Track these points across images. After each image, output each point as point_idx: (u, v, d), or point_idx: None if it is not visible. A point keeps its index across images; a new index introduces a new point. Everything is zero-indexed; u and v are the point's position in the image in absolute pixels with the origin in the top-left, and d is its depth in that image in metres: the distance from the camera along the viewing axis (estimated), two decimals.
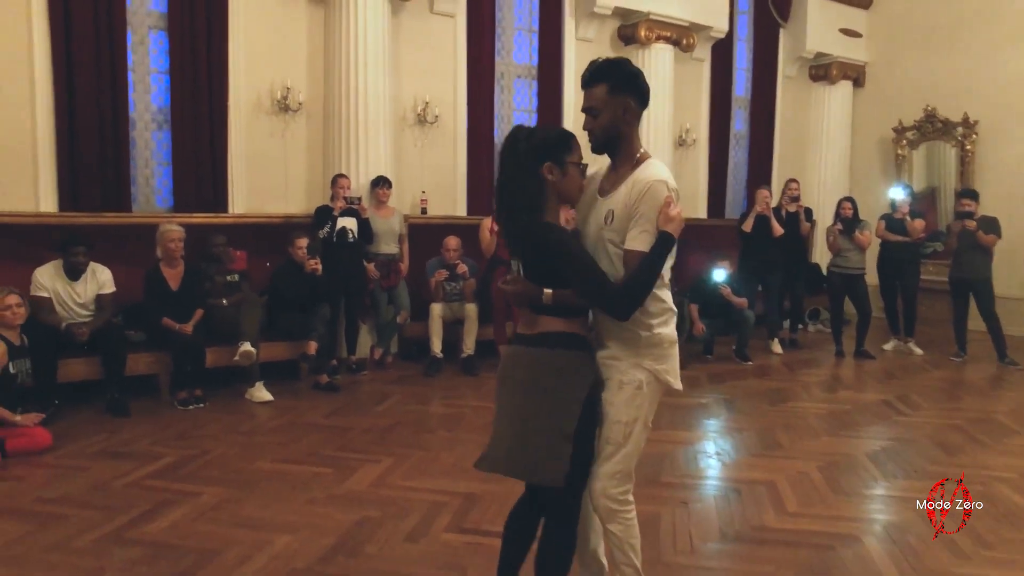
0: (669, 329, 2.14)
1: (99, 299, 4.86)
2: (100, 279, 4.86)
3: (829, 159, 10.05)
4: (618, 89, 2.08)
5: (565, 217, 2.28)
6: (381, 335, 6.27)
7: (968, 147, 8.94)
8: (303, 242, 5.49)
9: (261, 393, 5.07)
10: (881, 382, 6.34)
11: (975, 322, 7.20)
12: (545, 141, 2.08)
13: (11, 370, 4.08)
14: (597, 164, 2.28)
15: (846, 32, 9.78)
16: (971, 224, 6.91)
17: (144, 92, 5.75)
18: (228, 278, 5.38)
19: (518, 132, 2.11)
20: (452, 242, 6.20)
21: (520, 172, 2.06)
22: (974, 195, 7.16)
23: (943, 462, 4.24)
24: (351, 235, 5.80)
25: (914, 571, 2.91)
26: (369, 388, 5.62)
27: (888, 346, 7.69)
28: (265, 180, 6.15)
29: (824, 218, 8.66)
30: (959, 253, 7.15)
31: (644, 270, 2.00)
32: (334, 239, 5.74)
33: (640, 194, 2.02)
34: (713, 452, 4.34)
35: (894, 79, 9.74)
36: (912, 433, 4.78)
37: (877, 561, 2.99)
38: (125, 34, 5.49)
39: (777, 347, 7.43)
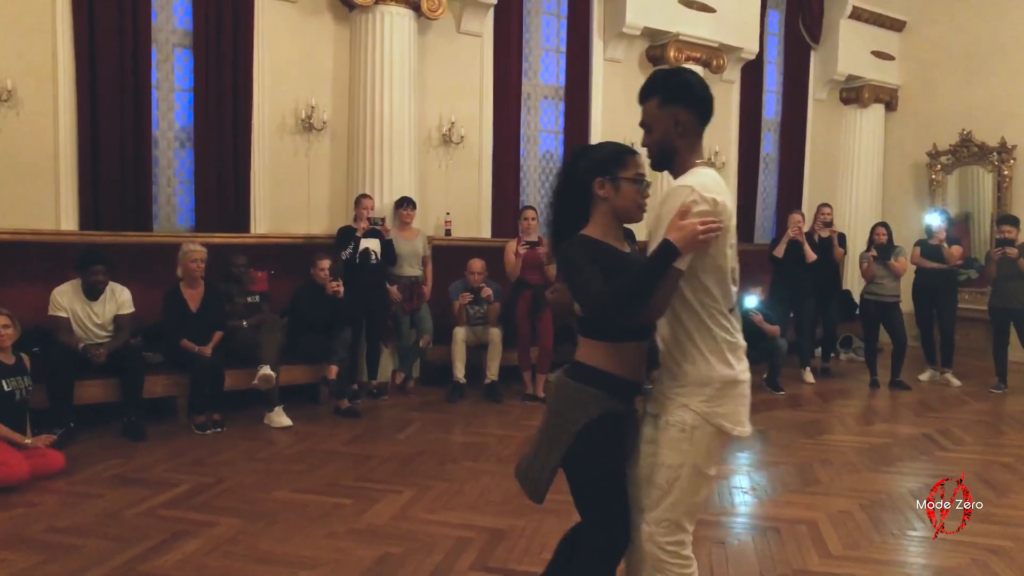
0: (728, 367, 1.93)
1: (117, 320, 4.77)
2: (119, 299, 4.78)
3: (861, 184, 9.84)
4: (669, 101, 1.96)
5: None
6: (403, 359, 6.14)
7: (1005, 172, 8.70)
8: (325, 263, 5.39)
9: (280, 418, 4.94)
10: (919, 414, 6.09)
11: (1015, 352, 6.93)
12: (597, 157, 2.04)
13: (5, 387, 3.95)
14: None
15: (878, 55, 9.61)
16: (1012, 252, 6.69)
17: (168, 110, 5.72)
18: (249, 299, 5.30)
19: (575, 150, 2.13)
20: (476, 265, 6.07)
21: (569, 188, 2.07)
22: (1015, 221, 6.94)
23: (993, 502, 4.00)
24: (374, 256, 5.70)
25: None
26: (390, 414, 5.48)
27: (924, 377, 7.43)
28: (288, 200, 6.08)
29: (857, 244, 8.44)
30: (999, 281, 6.92)
31: (632, 276, 1.84)
32: (356, 260, 5.64)
33: (662, 203, 1.91)
34: (748, 487, 4.14)
35: (928, 103, 9.55)
36: (957, 470, 4.55)
37: None
38: (150, 51, 5.46)
39: (809, 376, 7.20)
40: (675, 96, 1.97)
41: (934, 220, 7.40)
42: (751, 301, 6.60)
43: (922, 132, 9.49)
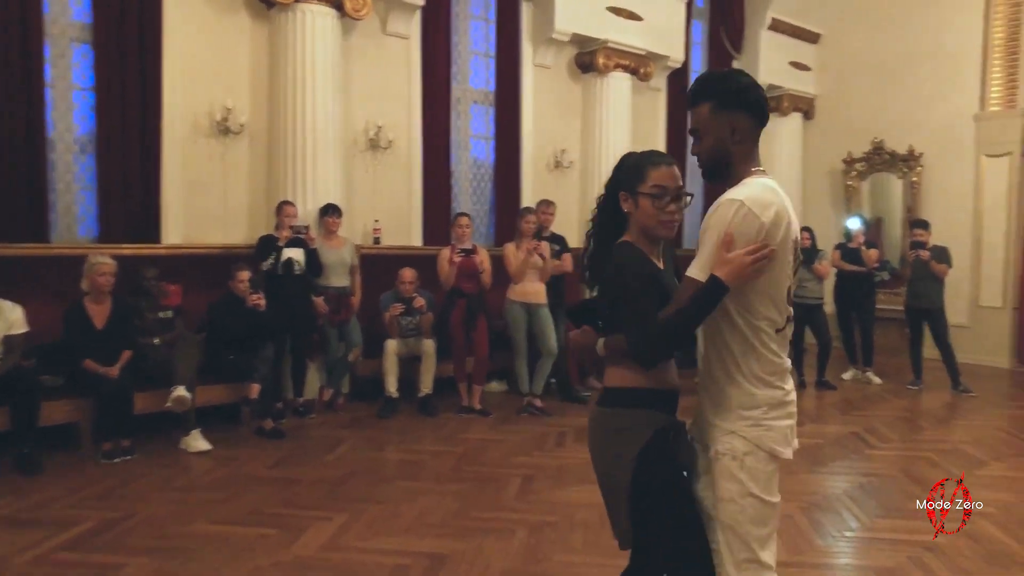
0: (773, 390, 1.79)
1: (7, 340, 4.26)
2: (9, 318, 4.28)
3: (783, 191, 10.08)
4: (724, 105, 1.80)
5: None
6: (331, 375, 5.86)
7: (914, 179, 9.10)
8: (245, 275, 5.07)
9: (198, 442, 4.59)
10: (845, 413, 6.24)
11: (929, 349, 7.22)
12: (620, 168, 1.91)
13: None
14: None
15: (796, 65, 9.92)
16: (925, 254, 6.96)
17: (66, 111, 5.24)
18: (161, 315, 4.91)
19: (622, 158, 1.98)
20: (408, 274, 5.86)
21: (604, 200, 1.96)
22: (926, 225, 7.24)
23: (922, 498, 4.08)
24: (298, 267, 5.40)
25: None
26: (318, 433, 5.19)
27: (847, 376, 7.67)
28: (203, 208, 5.69)
29: None
30: (914, 282, 7.18)
31: (676, 315, 1.71)
32: (279, 271, 5.33)
33: (710, 214, 1.75)
34: None
35: (843, 112, 9.91)
36: (887, 468, 4.65)
37: None
38: (42, 46, 4.99)
39: None
40: (731, 101, 1.80)
41: (854, 224, 7.65)
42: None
43: (838, 140, 9.84)
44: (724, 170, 1.84)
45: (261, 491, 3.93)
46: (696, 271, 1.73)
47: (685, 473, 1.91)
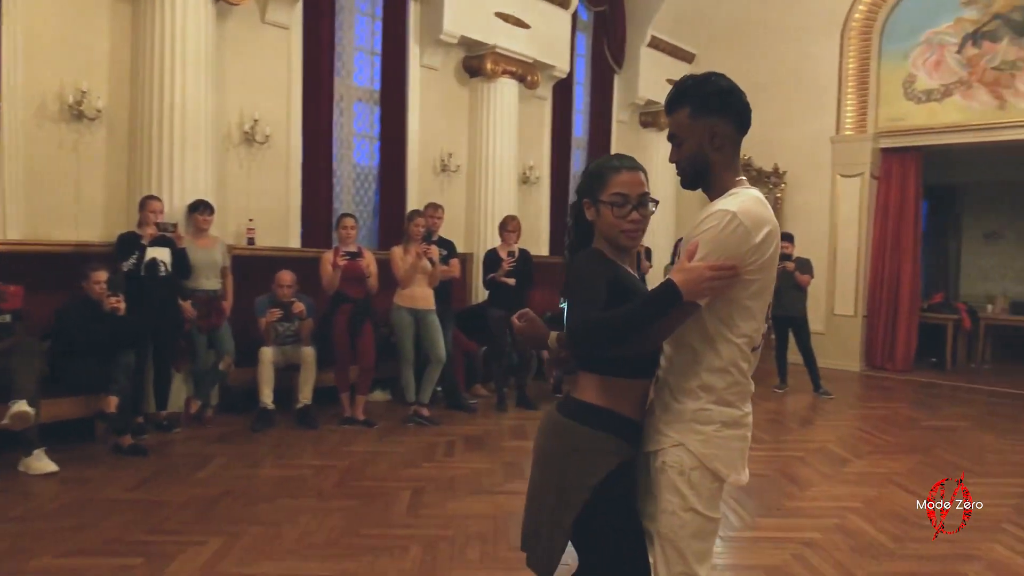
0: (732, 409, 1.73)
1: None
2: None
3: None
4: (704, 110, 1.72)
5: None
6: (199, 385, 5.39)
7: (779, 195, 9.71)
8: (102, 276, 4.56)
9: (41, 463, 4.05)
10: None
11: (793, 355, 7.69)
12: (586, 175, 1.82)
13: None
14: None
15: (672, 83, 10.30)
16: (790, 266, 7.40)
17: None
18: None
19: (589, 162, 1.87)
20: (286, 277, 5.50)
21: (573, 208, 1.89)
22: (791, 238, 7.73)
23: (799, 496, 4.30)
24: (163, 268, 4.94)
25: None
26: (185, 449, 4.75)
27: None
28: (51, 200, 5.07)
29: (661, 258, 8.93)
30: (779, 292, 7.60)
31: (625, 312, 1.61)
32: (142, 272, 4.85)
33: (697, 224, 1.68)
34: None
35: None
36: (763, 468, 4.83)
37: None
38: None
39: None
40: (710, 106, 1.72)
41: None
42: None
43: None
44: (703, 178, 1.78)
45: (121, 517, 3.50)
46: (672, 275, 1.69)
47: None
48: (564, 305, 1.95)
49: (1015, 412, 7.00)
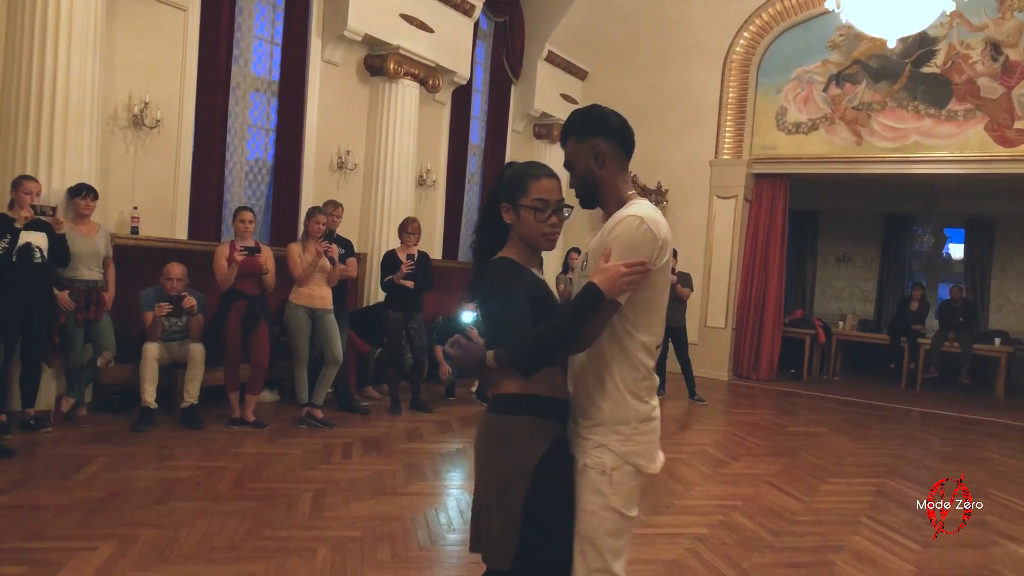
0: (643, 404, 1.84)
1: None
2: None
3: None
4: (585, 133, 1.89)
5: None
6: (73, 381, 5.00)
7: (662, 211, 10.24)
8: None
9: None
10: None
11: (671, 364, 8.15)
12: (503, 180, 1.89)
13: None
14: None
15: (566, 97, 10.68)
16: (672, 278, 7.84)
17: None
18: None
19: (505, 167, 1.95)
20: (176, 270, 5.22)
21: (485, 210, 1.96)
22: (674, 253, 8.14)
23: (685, 495, 4.58)
24: (39, 254, 4.56)
25: None
26: (58, 450, 4.40)
27: None
28: None
29: (553, 267, 9.18)
30: None
31: (558, 323, 1.72)
32: (13, 258, 4.45)
33: (607, 232, 1.81)
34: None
35: None
36: None
37: None
38: None
39: None
40: (590, 129, 1.90)
41: None
42: (468, 317, 6.74)
43: None
44: (595, 195, 1.93)
45: None
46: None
47: None
48: (474, 307, 2.04)
49: (865, 420, 7.78)
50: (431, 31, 8.03)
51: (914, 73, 8.79)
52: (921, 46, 8.68)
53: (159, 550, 3.08)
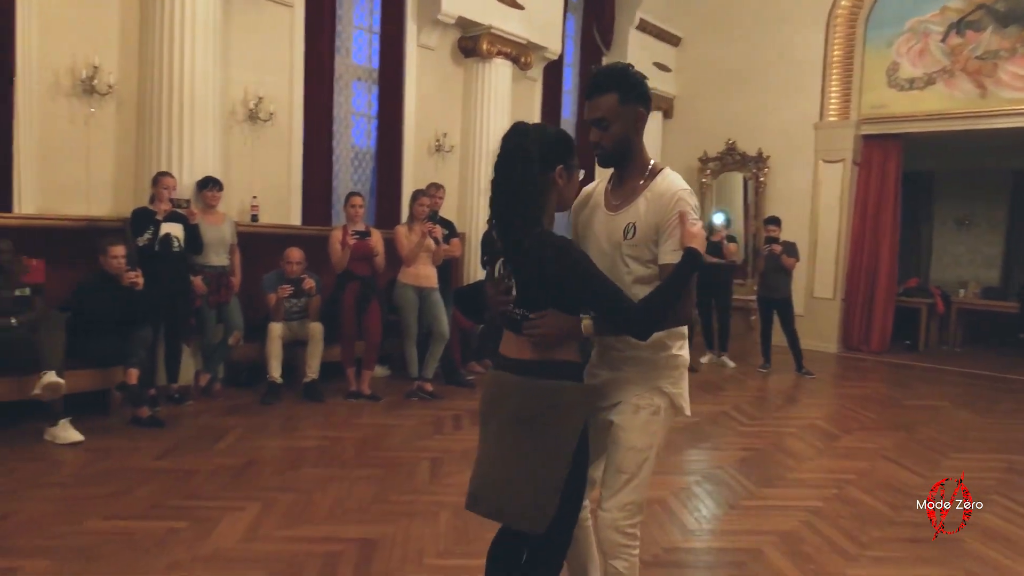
0: (685, 352, 2.06)
1: None
2: None
3: None
4: (629, 97, 1.93)
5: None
6: (208, 359, 5.46)
7: (762, 179, 9.95)
8: (119, 250, 4.59)
9: (67, 433, 4.12)
10: (711, 394, 6.71)
11: (777, 336, 7.95)
12: (553, 141, 1.88)
13: None
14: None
15: (659, 66, 10.48)
16: (776, 248, 7.64)
17: None
18: (17, 292, 4.34)
19: (525, 131, 1.86)
20: (295, 254, 5.57)
21: (531, 177, 1.82)
22: (778, 222, 7.94)
23: (797, 468, 4.52)
24: (177, 243, 4.98)
25: None
26: (199, 422, 4.83)
27: (704, 359, 8.24)
28: (62, 175, 5.07)
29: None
30: (765, 274, 7.87)
31: (669, 288, 1.84)
32: (156, 248, 4.89)
33: (667, 206, 1.90)
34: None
35: (699, 113, 10.61)
36: (760, 442, 5.07)
37: (787, 573, 3.03)
38: None
39: None
40: (634, 94, 1.94)
41: (717, 219, 8.23)
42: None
43: (694, 139, 10.53)
44: (626, 157, 2.00)
45: (155, 484, 3.61)
46: (675, 258, 1.88)
47: None
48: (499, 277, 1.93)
49: (991, 393, 7.34)
50: (521, 8, 8.07)
51: None
52: None
53: (297, 511, 3.36)
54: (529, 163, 1.82)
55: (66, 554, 2.80)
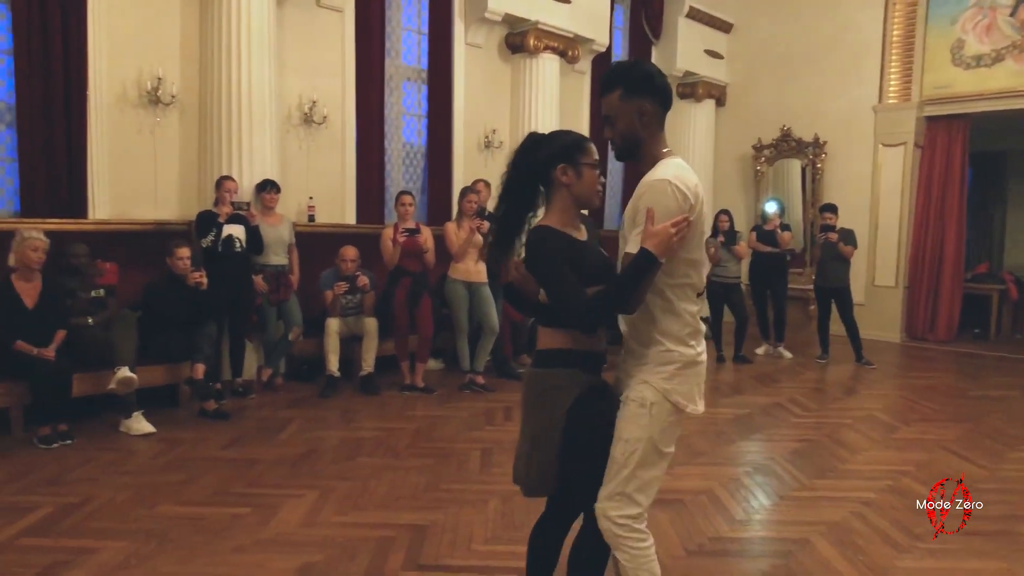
0: (687, 348, 1.98)
1: None
2: None
3: (696, 173, 10.53)
4: (632, 92, 1.97)
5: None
6: (270, 354, 5.70)
7: (819, 165, 9.71)
8: (185, 252, 4.85)
9: (140, 424, 4.39)
10: (765, 384, 6.63)
11: (835, 326, 7.77)
12: (560, 144, 2.04)
13: None
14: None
15: (711, 53, 10.34)
16: (833, 236, 7.45)
17: None
18: (93, 294, 4.63)
19: (535, 137, 2.09)
20: (350, 252, 5.76)
21: (527, 175, 2.06)
22: (835, 209, 7.73)
23: (851, 460, 4.45)
24: (239, 244, 5.22)
25: (869, 570, 2.97)
26: (262, 414, 5.06)
27: (760, 350, 8.12)
28: (131, 182, 5.38)
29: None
30: (823, 263, 7.69)
31: (613, 286, 1.89)
32: (219, 248, 5.13)
33: (639, 195, 1.92)
34: None
35: (752, 100, 10.42)
36: (813, 434, 5.00)
37: (835, 563, 3.02)
38: None
39: None
40: (637, 88, 1.97)
41: (771, 207, 8.09)
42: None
43: (747, 127, 10.35)
44: (636, 152, 2.02)
45: (221, 472, 3.82)
46: (632, 247, 1.88)
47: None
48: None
49: None
50: (568, 2, 8.09)
51: None
52: None
53: (353, 499, 3.51)
54: (528, 164, 2.04)
55: (141, 536, 3.01)
